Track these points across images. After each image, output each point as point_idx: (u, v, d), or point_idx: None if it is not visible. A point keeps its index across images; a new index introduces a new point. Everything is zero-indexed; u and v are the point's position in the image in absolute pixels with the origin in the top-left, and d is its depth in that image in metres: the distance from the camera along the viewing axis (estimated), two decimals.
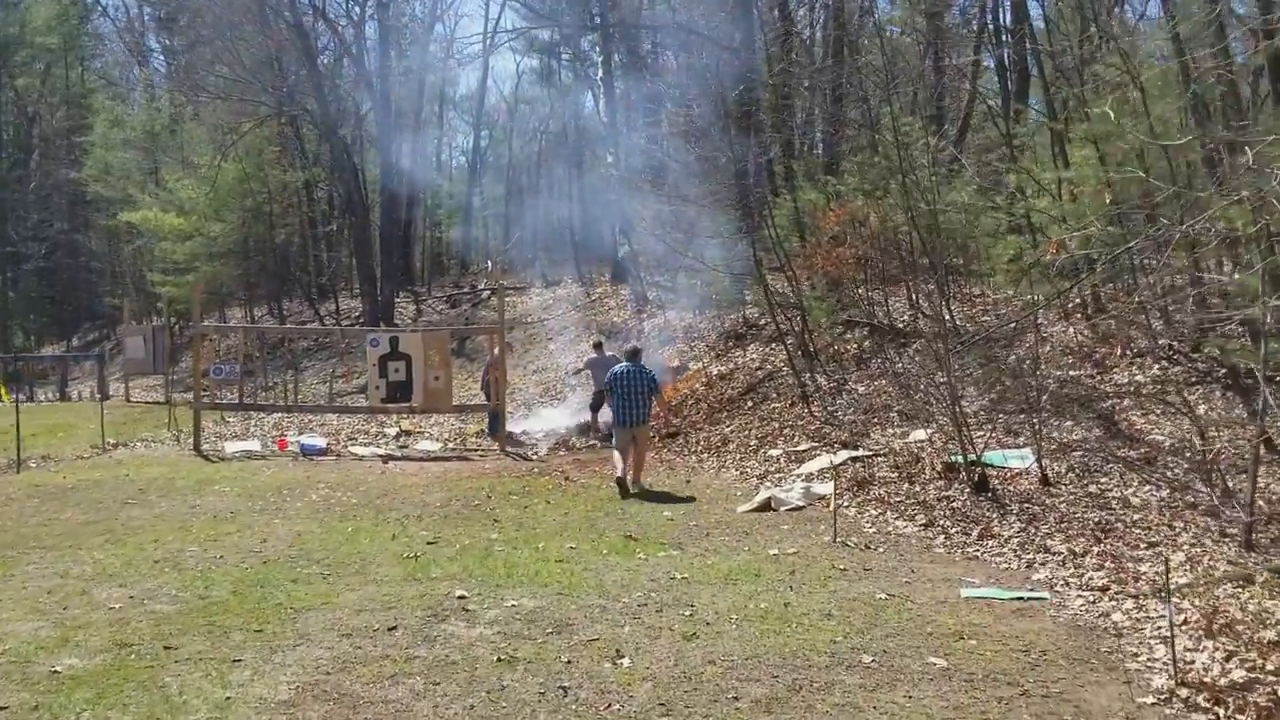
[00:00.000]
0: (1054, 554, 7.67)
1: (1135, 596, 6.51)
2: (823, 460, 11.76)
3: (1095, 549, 7.60)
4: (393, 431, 16.99)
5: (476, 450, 15.85)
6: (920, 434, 12.43)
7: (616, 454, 11.65)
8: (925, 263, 17.00)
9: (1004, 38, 20.36)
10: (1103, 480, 9.80)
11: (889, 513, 9.51)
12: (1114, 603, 6.47)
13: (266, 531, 9.43)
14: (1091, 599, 6.58)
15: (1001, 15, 20.50)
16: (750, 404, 15.68)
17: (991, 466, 10.33)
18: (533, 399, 19.63)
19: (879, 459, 11.57)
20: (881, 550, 8.23)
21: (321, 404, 17.76)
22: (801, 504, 10.09)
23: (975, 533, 8.53)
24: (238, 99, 28.67)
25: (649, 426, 12.28)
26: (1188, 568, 7.00)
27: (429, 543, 8.76)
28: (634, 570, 7.56)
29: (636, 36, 29.72)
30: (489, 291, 31.15)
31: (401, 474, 13.34)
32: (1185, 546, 7.55)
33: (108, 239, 42.42)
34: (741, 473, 12.30)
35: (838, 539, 8.53)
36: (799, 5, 28.12)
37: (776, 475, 11.80)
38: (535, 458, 14.98)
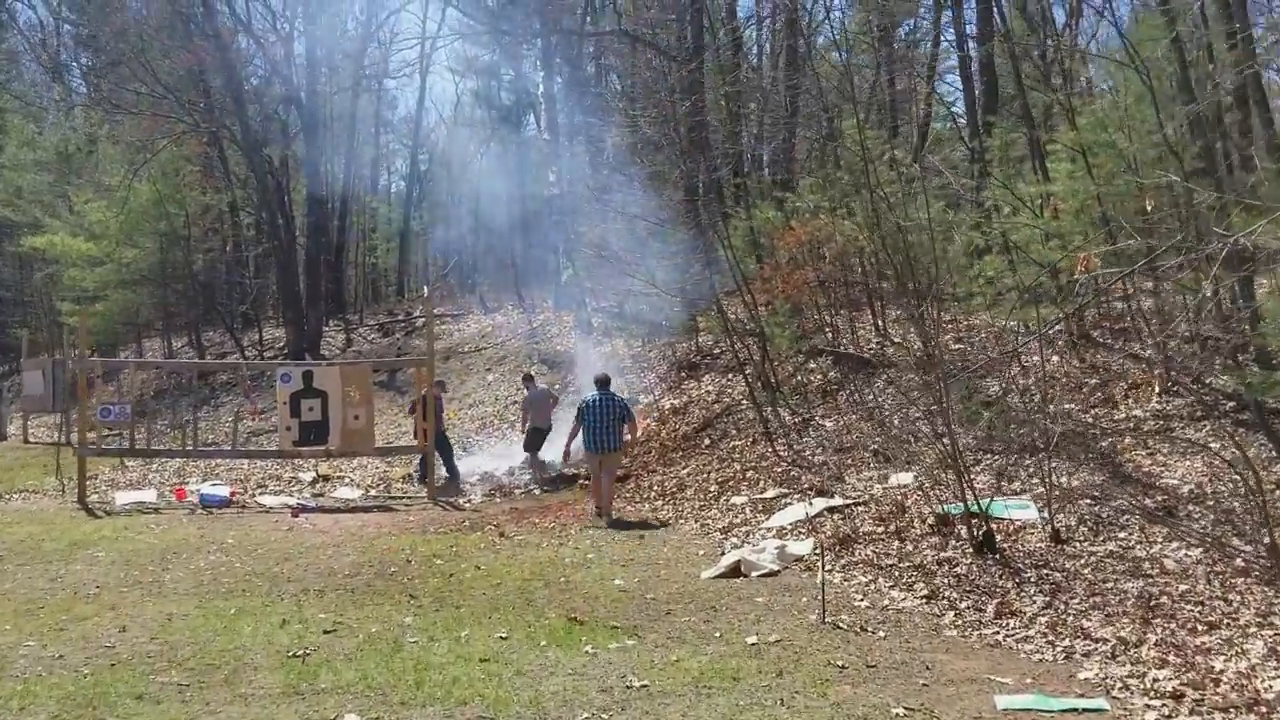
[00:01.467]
0: (1097, 640, 6.24)
1: (1224, 709, 5.08)
2: (795, 511, 10.29)
3: (1149, 635, 6.17)
4: (308, 477, 15.23)
5: (402, 498, 14.15)
6: (902, 478, 11.04)
7: (593, 481, 12.18)
8: (894, 286, 15.72)
9: (966, 47, 19.27)
10: (1121, 535, 8.45)
11: (881, 579, 8.04)
12: (1197, 718, 5.04)
13: (131, 615, 7.70)
14: (1165, 711, 5.14)
15: (965, 25, 19.40)
16: (708, 442, 14.19)
17: (990, 518, 8.95)
18: (467, 437, 17.94)
19: (859, 509, 10.12)
20: (882, 634, 6.74)
21: (225, 448, 15.92)
22: (776, 568, 8.59)
23: (991, 608, 7.08)
24: (151, 114, 26.71)
25: (618, 454, 12.26)
26: (1274, 663, 5.60)
27: (326, 631, 7.10)
28: (579, 674, 5.98)
29: (579, 54, 28.36)
30: (424, 319, 29.40)
31: (312, 529, 11.62)
32: (1254, 629, 6.16)
33: (18, 266, 39.89)
34: (702, 525, 10.77)
35: (827, 619, 7.03)
36: (748, 25, 27.00)
37: (742, 529, 10.29)
38: (468, 506, 13.33)
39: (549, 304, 26.69)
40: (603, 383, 12.31)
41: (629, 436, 12.46)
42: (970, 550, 8.29)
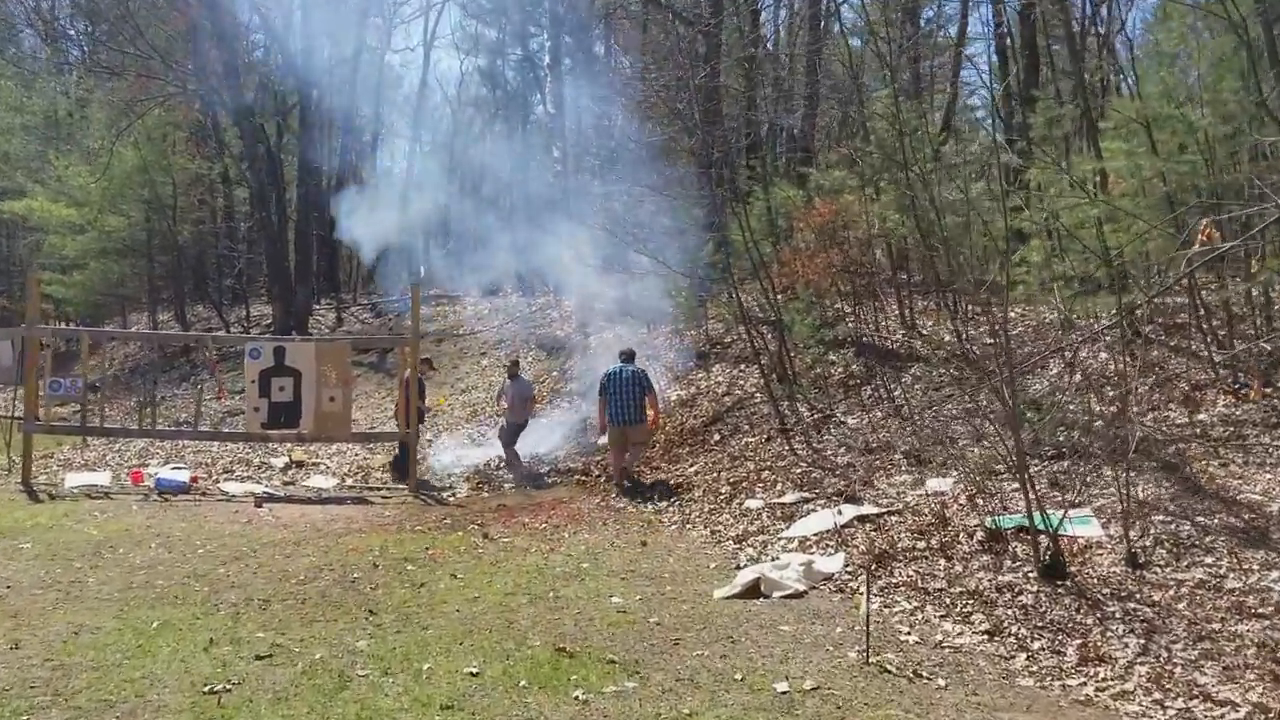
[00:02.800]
0: (1223, 705, 4.96)
1: None
2: (820, 519, 9.00)
3: None
4: (280, 462, 13.94)
5: (380, 489, 12.87)
6: (939, 483, 9.76)
7: (613, 452, 12.08)
8: (931, 272, 14.43)
9: (1006, 23, 17.93)
10: (1207, 561, 7.16)
11: (929, 607, 6.75)
12: None
13: (33, 627, 6.43)
14: None
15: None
16: (718, 438, 12.90)
17: (1034, 530, 7.71)
18: (457, 424, 16.65)
19: (893, 519, 8.83)
20: (942, 682, 5.45)
21: (187, 428, 14.61)
22: (801, 588, 7.31)
23: (1072, 651, 5.80)
24: (136, 75, 25.37)
25: (643, 428, 12.12)
26: None
27: (259, 657, 5.83)
28: None
29: (588, 26, 27.03)
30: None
31: (273, 523, 10.35)
32: None
33: (6, 235, 38.61)
34: (712, 532, 9.48)
35: (871, 659, 5.75)
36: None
37: (759, 538, 9.01)
38: (451, 501, 12.04)
39: (549, 287, 25.40)
40: (628, 356, 12.52)
41: (652, 413, 12.29)
42: (1034, 574, 7.01)
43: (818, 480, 10.40)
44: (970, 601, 6.72)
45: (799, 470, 10.86)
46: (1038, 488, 9.25)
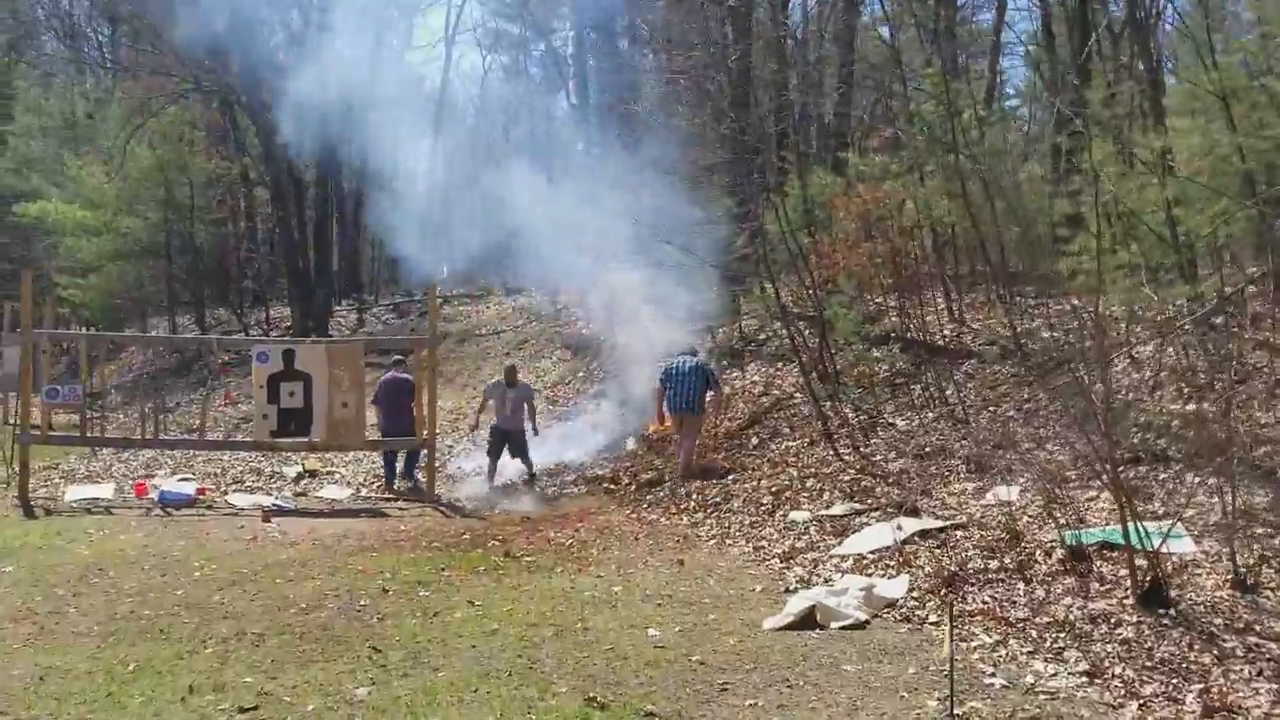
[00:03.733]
0: None
1: None
2: (877, 534, 8.13)
3: None
4: (293, 472, 13.21)
5: (397, 499, 12.10)
6: (1004, 493, 8.87)
7: (680, 442, 11.85)
8: (988, 263, 13.51)
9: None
10: None
11: (1014, 641, 5.88)
12: None
13: None
14: None
15: None
16: (756, 442, 12.05)
17: (1119, 548, 6.85)
18: (479, 429, 15.84)
19: (958, 534, 7.96)
20: None
21: (190, 438, 13.88)
22: (863, 617, 6.46)
23: (1192, 699, 4.92)
24: (150, 72, 24.81)
25: (699, 418, 12.03)
26: None
27: (243, 710, 5.05)
28: None
29: (613, 17, 26.23)
30: (442, 299, 27.39)
31: (280, 540, 9.60)
32: None
33: (24, 239, 38.24)
34: (755, 549, 8.64)
35: (956, 710, 4.89)
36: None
37: (808, 555, 8.16)
38: (475, 513, 11.25)
39: (573, 286, 24.62)
40: (690, 351, 12.58)
41: (711, 406, 12.32)
42: (1130, 600, 6.12)
43: (869, 489, 9.53)
44: (1061, 634, 5.85)
45: (847, 478, 9.99)
46: (1107, 496, 8.40)
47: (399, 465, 12.74)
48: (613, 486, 11.91)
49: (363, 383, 12.15)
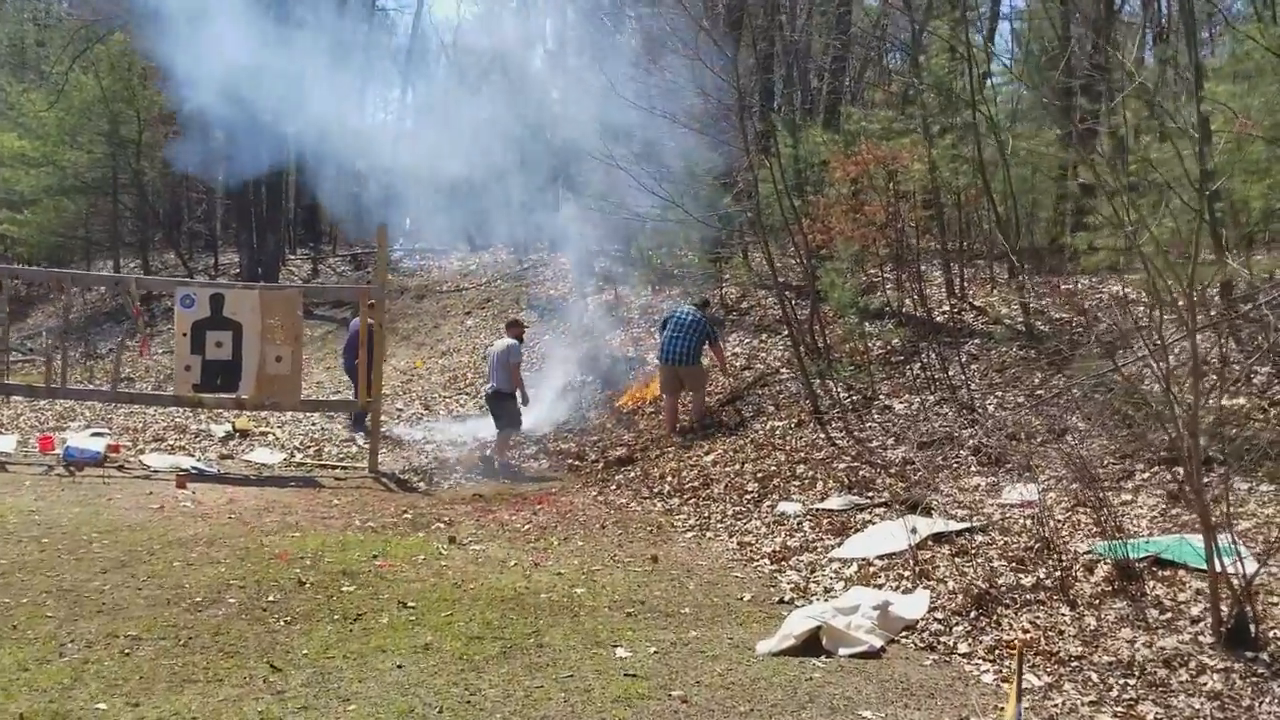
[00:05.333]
0: None
1: None
2: (885, 535, 6.98)
3: None
4: (222, 430, 11.89)
5: (335, 467, 10.83)
6: (1021, 491, 7.77)
7: (665, 397, 11.19)
8: (1004, 235, 12.37)
9: None
10: None
11: (1070, 686, 4.75)
12: None
13: None
14: None
15: None
16: (738, 420, 10.89)
17: (1172, 565, 5.79)
18: (433, 392, 14.58)
19: (978, 538, 6.83)
20: None
21: (104, 387, 12.41)
22: (877, 643, 5.31)
23: None
24: None
25: (696, 370, 11.13)
26: None
27: None
28: None
29: None
30: (402, 252, 25.96)
31: (192, 510, 8.32)
32: None
33: None
34: (741, 545, 7.48)
35: None
36: None
37: (803, 556, 7.01)
38: (420, 487, 10.02)
39: (544, 243, 23.31)
40: (700, 304, 11.83)
41: (709, 360, 11.60)
42: (1207, 638, 5.02)
43: (868, 480, 8.39)
44: (1129, 680, 4.72)
45: (842, 466, 8.85)
46: (1148, 502, 7.34)
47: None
48: (578, 463, 10.73)
49: (300, 335, 10.84)
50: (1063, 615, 5.53)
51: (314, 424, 12.55)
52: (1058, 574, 6.08)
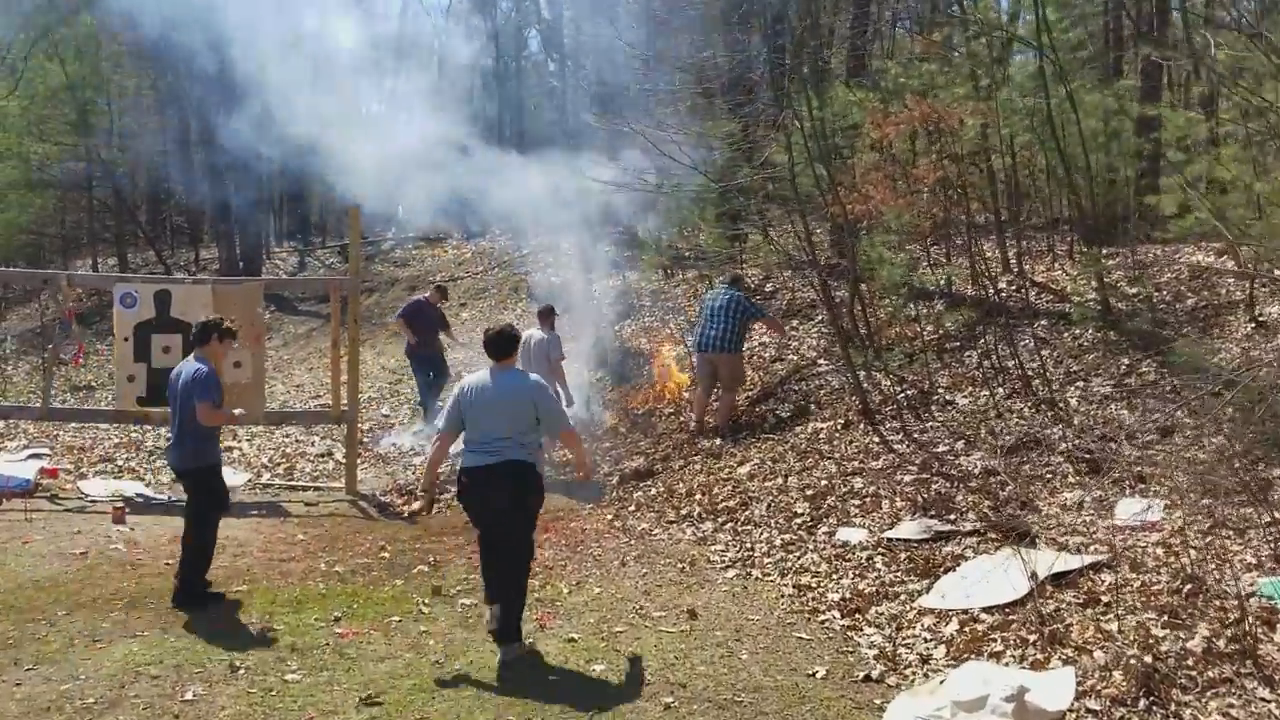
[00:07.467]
0: None
1: None
2: (986, 575, 5.47)
3: None
4: None
5: (308, 488, 9.33)
6: (1137, 508, 6.27)
7: (699, 388, 9.87)
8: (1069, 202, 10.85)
9: None
10: None
11: None
12: None
13: None
14: None
15: None
16: (773, 421, 9.37)
17: None
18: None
19: (1104, 577, 5.32)
20: None
21: (35, 405, 10.81)
22: None
23: None
24: None
25: (734, 360, 9.63)
26: None
27: None
28: None
29: None
30: (394, 243, 24.46)
31: (122, 555, 6.85)
32: None
33: None
34: (798, 589, 5.96)
35: None
36: None
37: (883, 609, 5.49)
38: (405, 513, 8.49)
39: (542, 229, 21.77)
40: (732, 281, 10.17)
41: (770, 329, 10.89)
42: None
43: (945, 497, 6.87)
44: None
45: (908, 479, 7.33)
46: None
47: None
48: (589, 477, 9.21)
49: (262, 335, 9.35)
50: (1265, 702, 4.02)
51: (287, 436, 11.04)
52: (1229, 632, 4.59)
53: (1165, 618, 4.81)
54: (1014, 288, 10.84)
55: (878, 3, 16.51)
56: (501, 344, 5.30)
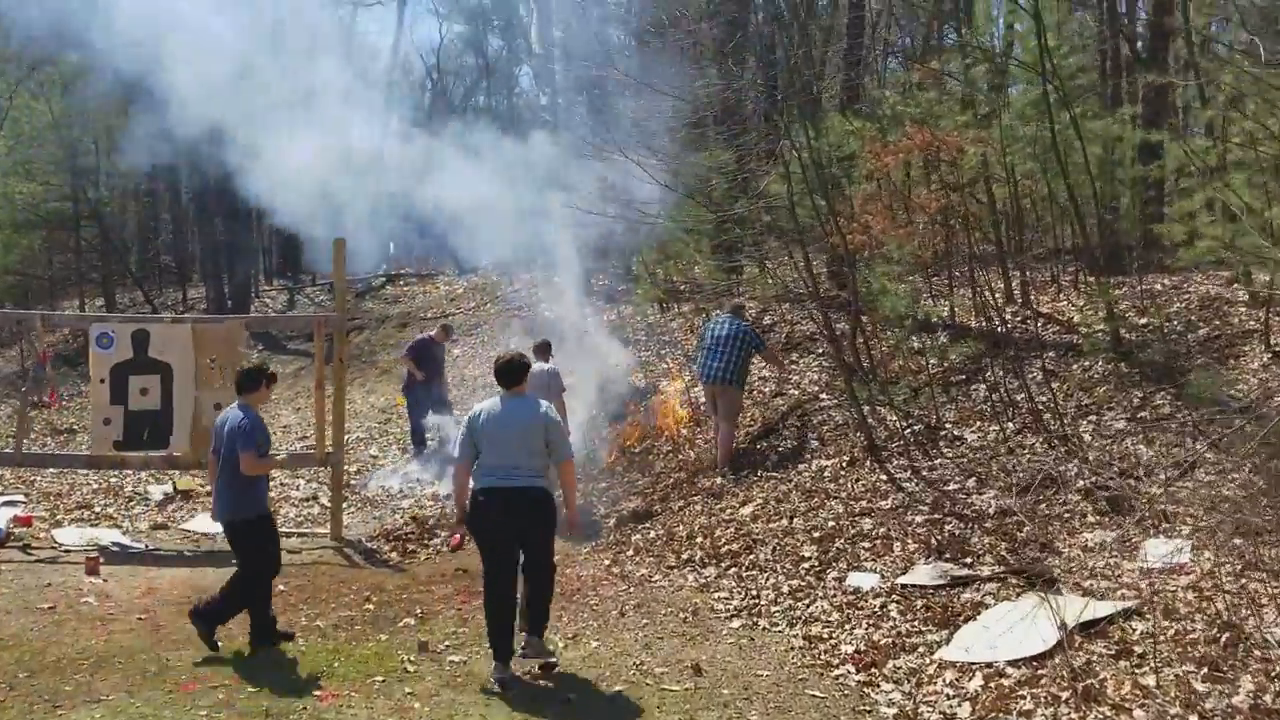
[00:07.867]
0: None
1: None
2: (1009, 624, 5.13)
3: None
4: (160, 493, 10.03)
5: (294, 534, 8.96)
6: (1163, 549, 5.95)
7: (715, 421, 9.52)
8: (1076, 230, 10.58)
9: None
10: None
11: None
12: None
13: None
14: None
15: None
16: (775, 459, 9.03)
17: None
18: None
19: (1136, 624, 4.99)
20: None
21: (8, 451, 10.44)
22: None
23: None
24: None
25: (738, 391, 9.44)
26: None
27: None
28: None
29: None
30: (385, 279, 24.21)
31: (94, 609, 6.47)
32: None
33: None
34: (809, 640, 5.62)
35: None
36: None
37: (900, 662, 5.15)
38: (392, 559, 8.13)
39: (537, 263, 21.52)
40: (735, 309, 10.06)
41: (769, 362, 10.51)
42: None
43: (959, 539, 6.54)
44: None
45: (919, 519, 7.00)
46: None
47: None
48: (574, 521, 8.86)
49: None
50: None
51: (273, 479, 10.66)
52: (1275, 686, 4.26)
53: (1205, 670, 4.48)
54: (1019, 319, 10.57)
55: (870, 34, 16.39)
56: (512, 372, 5.50)
